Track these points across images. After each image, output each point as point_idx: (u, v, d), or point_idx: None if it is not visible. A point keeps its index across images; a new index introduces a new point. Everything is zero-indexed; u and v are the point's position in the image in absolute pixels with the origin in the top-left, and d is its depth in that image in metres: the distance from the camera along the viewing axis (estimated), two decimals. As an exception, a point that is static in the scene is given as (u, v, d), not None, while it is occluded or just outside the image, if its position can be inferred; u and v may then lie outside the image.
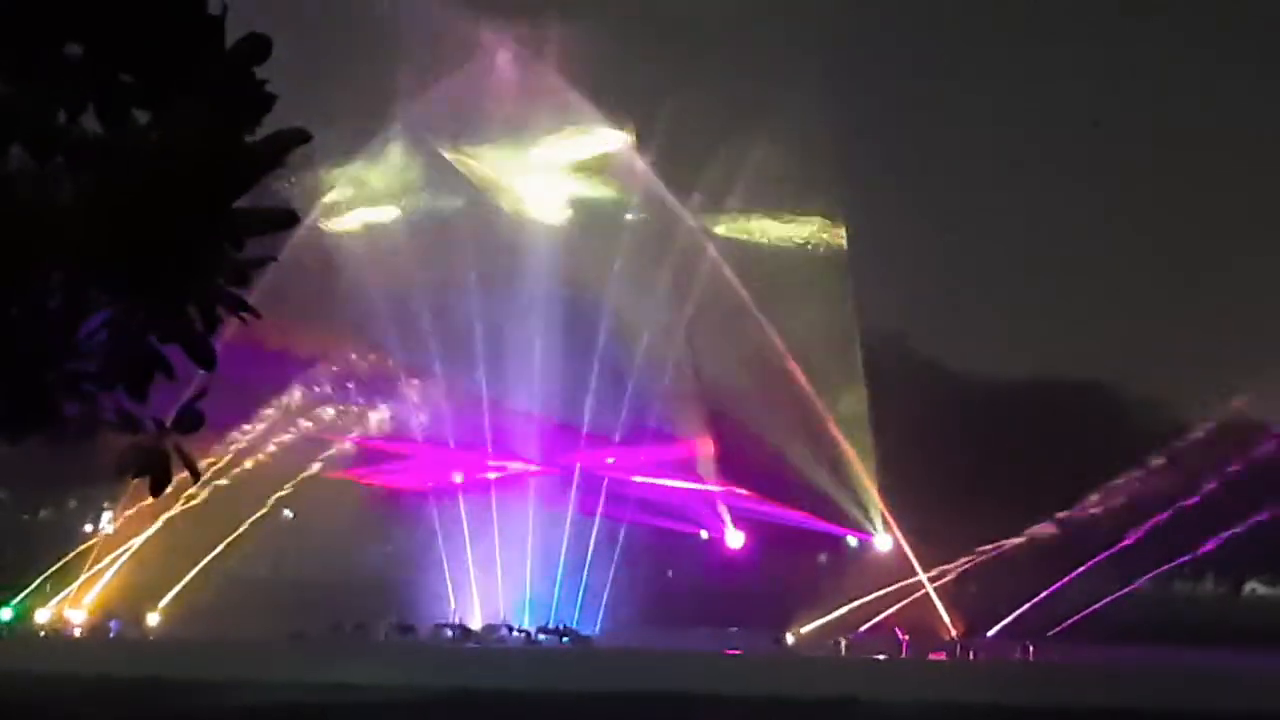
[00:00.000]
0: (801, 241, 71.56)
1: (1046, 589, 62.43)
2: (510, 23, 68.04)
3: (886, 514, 66.73)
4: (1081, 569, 63.13)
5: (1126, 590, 65.43)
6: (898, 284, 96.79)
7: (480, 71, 67.62)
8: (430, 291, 64.96)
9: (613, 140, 67.77)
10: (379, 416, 68.25)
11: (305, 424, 66.72)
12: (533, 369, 64.85)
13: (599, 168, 68.86)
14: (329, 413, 67.31)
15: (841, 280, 70.04)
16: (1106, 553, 63.30)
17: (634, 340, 67.28)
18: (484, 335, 64.95)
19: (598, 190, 69.50)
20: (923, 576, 63.73)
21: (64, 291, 5.57)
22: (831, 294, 69.89)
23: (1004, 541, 64.10)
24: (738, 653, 56.04)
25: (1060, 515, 65.43)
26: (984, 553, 64.17)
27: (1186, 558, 66.96)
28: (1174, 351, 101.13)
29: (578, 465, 65.52)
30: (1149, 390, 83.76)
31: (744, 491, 68.94)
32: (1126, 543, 63.23)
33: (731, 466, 67.95)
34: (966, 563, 64.22)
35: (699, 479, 69.00)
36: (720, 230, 69.77)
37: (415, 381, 67.13)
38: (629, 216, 69.32)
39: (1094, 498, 65.05)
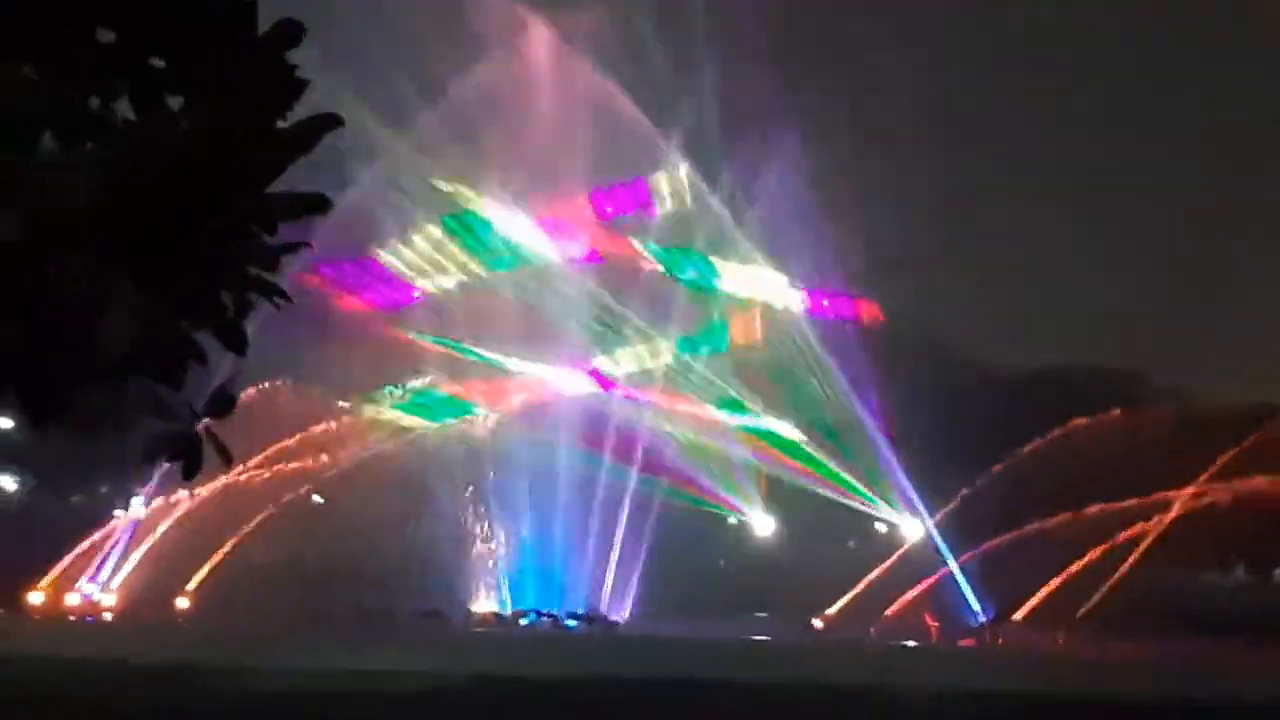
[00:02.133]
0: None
1: (1075, 577, 62.30)
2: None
3: (915, 500, 66.81)
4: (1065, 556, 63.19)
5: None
6: (923, 274, 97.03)
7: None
8: None
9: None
10: None
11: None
12: None
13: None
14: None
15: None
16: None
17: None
18: None
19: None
20: (952, 562, 63.69)
21: (95, 279, 5.57)
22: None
23: (1028, 528, 63.92)
24: (766, 639, 56.08)
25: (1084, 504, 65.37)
26: (1011, 538, 64.00)
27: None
28: (1198, 340, 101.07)
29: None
30: (1172, 378, 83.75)
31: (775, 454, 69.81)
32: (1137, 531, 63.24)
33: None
34: (993, 547, 64.03)
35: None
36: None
37: None
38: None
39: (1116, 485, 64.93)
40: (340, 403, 69.96)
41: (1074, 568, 62.65)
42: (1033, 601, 62.51)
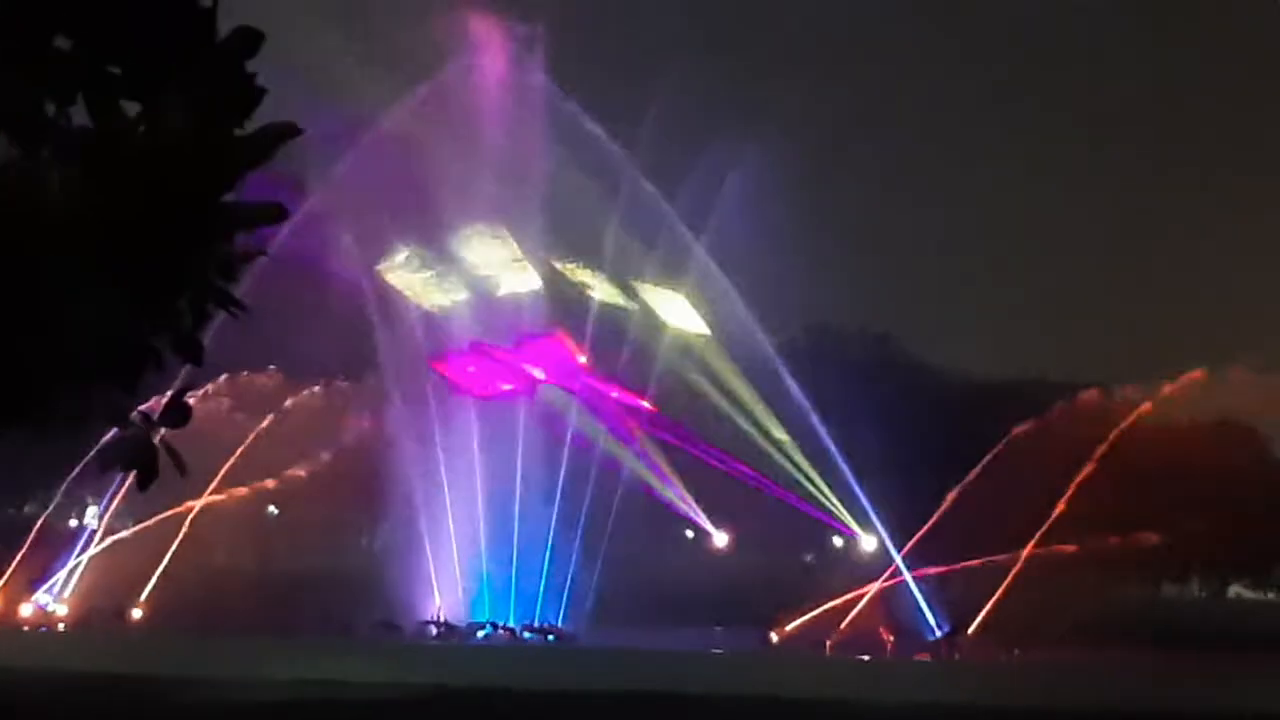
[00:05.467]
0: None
1: (1032, 590, 62.38)
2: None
3: (871, 513, 66.78)
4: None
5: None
6: (883, 283, 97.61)
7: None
8: None
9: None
10: None
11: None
12: None
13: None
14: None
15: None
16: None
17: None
18: None
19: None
20: (908, 576, 63.73)
21: (52, 283, 5.54)
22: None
23: (993, 558, 63.80)
24: (722, 652, 56.06)
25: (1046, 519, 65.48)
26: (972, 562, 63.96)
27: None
28: (1160, 354, 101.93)
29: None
30: (1133, 393, 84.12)
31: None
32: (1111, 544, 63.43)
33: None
34: (952, 567, 64.08)
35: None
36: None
37: None
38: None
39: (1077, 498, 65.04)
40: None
41: (1032, 590, 62.78)
42: (985, 615, 62.58)
